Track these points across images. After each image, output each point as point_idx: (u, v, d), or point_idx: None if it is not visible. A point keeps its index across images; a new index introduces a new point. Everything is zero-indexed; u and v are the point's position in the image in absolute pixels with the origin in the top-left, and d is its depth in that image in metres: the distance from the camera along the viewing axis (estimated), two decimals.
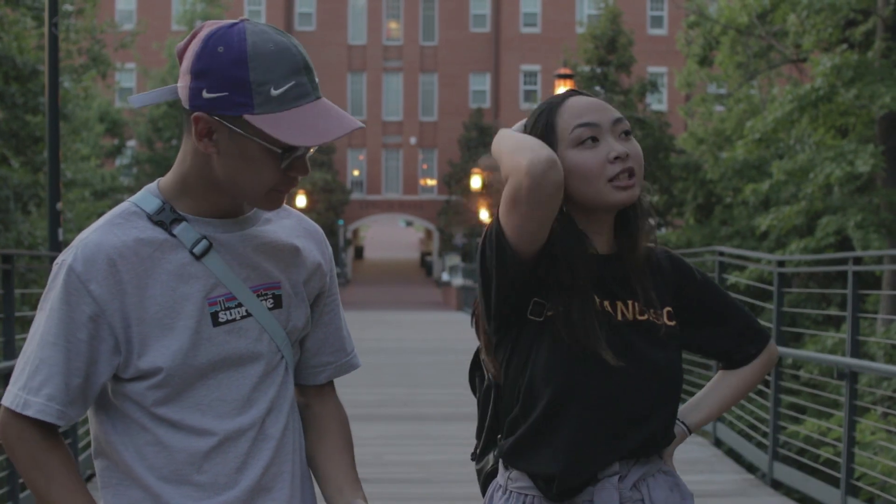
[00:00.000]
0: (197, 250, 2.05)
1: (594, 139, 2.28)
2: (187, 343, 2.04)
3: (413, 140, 60.70)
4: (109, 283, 1.99)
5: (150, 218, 2.05)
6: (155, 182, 2.13)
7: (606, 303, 2.34)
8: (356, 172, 61.04)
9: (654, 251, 2.44)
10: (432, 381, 14.19)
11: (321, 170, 54.16)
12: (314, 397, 2.31)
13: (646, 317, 2.35)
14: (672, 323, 2.39)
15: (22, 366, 2.03)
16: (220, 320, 2.07)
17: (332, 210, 55.25)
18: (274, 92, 1.94)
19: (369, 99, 60.42)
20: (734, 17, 23.41)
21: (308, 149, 2.02)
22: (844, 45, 19.93)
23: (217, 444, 2.07)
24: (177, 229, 2.05)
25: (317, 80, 2.02)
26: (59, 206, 9.08)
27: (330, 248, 2.30)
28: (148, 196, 2.09)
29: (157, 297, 2.02)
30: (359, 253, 71.06)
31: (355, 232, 65.86)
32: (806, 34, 20.26)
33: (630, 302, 2.35)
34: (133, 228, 2.04)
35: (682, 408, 2.53)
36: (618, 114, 2.32)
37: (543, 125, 2.32)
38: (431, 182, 61.07)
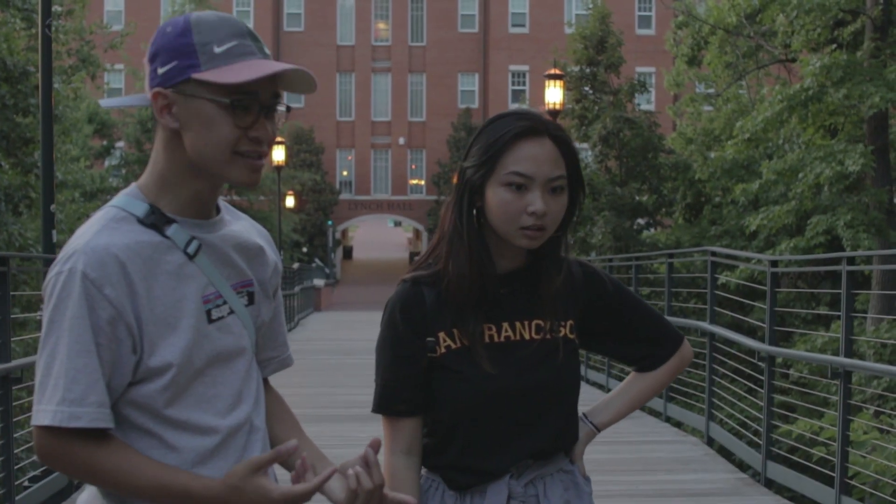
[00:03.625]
0: (190, 250, 2.10)
1: (521, 187, 2.42)
2: (191, 341, 2.08)
3: (402, 140, 60.63)
4: (122, 285, 2.01)
5: (140, 221, 2.08)
6: (132, 186, 2.16)
7: (505, 325, 2.51)
8: (345, 173, 60.96)
9: (566, 263, 2.58)
10: None
11: (310, 170, 54.11)
12: None
13: (540, 336, 2.52)
14: (572, 336, 2.56)
15: (51, 381, 2.00)
16: (213, 318, 2.13)
17: (321, 210, 55.24)
18: (217, 49, 2.03)
19: (358, 99, 60.35)
20: (723, 17, 23.46)
21: (267, 111, 2.09)
22: (833, 45, 19.98)
23: (222, 441, 2.13)
24: (169, 231, 2.09)
25: (267, 50, 2.11)
26: (53, 207, 9.08)
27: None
28: (132, 200, 2.12)
29: (161, 298, 2.06)
30: (347, 253, 70.93)
31: (344, 232, 65.77)
32: (795, 34, 20.31)
33: (526, 322, 2.52)
34: (130, 232, 2.06)
35: (592, 407, 2.72)
36: (557, 172, 2.44)
37: (488, 155, 2.45)
38: (420, 182, 61.02)
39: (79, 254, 2.01)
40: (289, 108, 2.15)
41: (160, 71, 2.06)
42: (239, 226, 2.28)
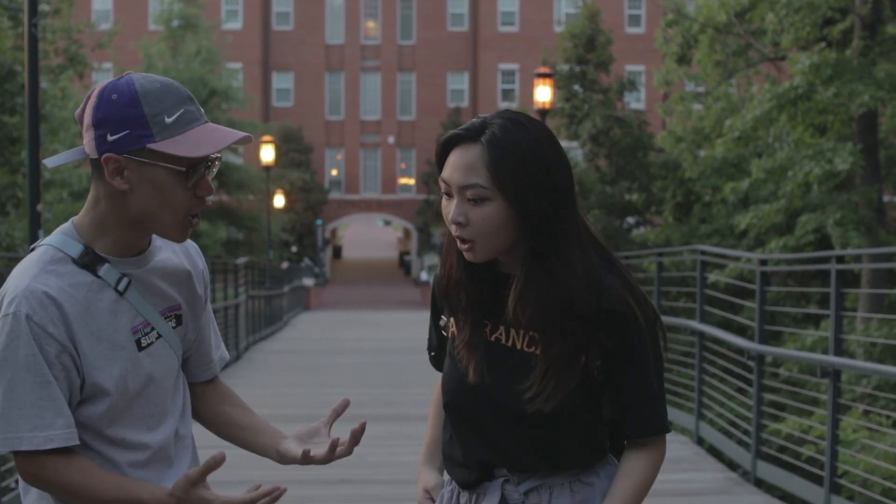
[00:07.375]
0: (120, 288, 2.30)
1: (448, 194, 2.38)
2: (126, 370, 2.30)
3: (391, 139, 60.65)
4: (61, 323, 2.22)
5: (75, 262, 2.27)
6: (69, 223, 2.34)
7: (502, 327, 2.41)
8: (334, 172, 60.95)
9: (605, 292, 2.32)
10: (414, 380, 14.12)
11: (299, 169, 54.08)
12: (208, 385, 2.62)
13: (532, 349, 2.35)
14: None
15: (14, 411, 2.21)
16: (143, 345, 2.35)
17: (311, 210, 55.18)
18: (168, 120, 2.21)
19: (347, 98, 60.34)
20: (712, 15, 23.49)
21: (210, 168, 2.27)
22: (822, 44, 20.01)
23: (153, 454, 2.37)
24: (101, 271, 2.29)
25: (201, 108, 2.30)
26: (40, 207, 9.05)
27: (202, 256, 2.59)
28: (68, 240, 2.30)
29: (96, 333, 2.27)
30: (337, 253, 70.95)
31: (333, 232, 65.75)
32: (784, 32, 20.35)
33: (521, 331, 2.37)
34: (65, 274, 2.26)
35: None
36: (470, 180, 2.31)
37: (438, 163, 2.42)
38: (409, 181, 61.03)
39: (20, 298, 2.21)
40: (220, 159, 2.31)
41: (111, 138, 2.20)
42: (169, 249, 2.45)
